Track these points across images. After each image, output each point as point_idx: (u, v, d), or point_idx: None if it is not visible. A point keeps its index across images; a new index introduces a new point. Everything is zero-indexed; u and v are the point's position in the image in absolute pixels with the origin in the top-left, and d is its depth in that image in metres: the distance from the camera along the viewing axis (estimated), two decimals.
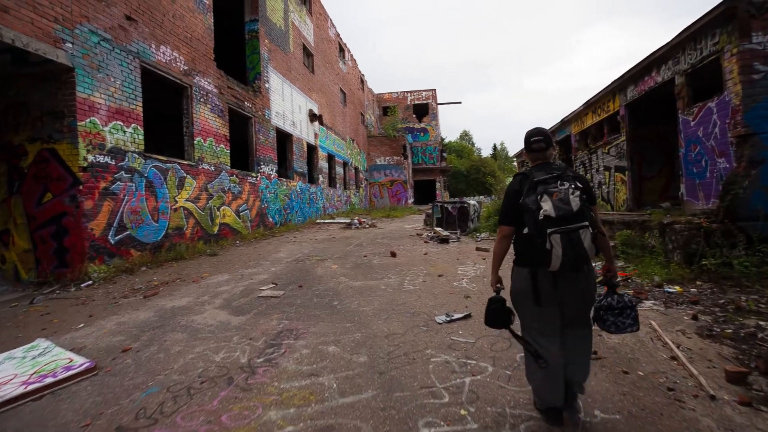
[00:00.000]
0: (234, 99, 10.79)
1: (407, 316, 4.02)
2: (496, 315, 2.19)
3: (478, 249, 7.96)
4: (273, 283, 5.54)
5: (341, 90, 23.16)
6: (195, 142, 9.03)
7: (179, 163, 8.43)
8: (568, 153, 13.26)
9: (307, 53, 17.58)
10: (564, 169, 2.09)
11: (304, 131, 16.40)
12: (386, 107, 37.38)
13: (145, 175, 7.47)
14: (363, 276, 5.92)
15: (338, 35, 22.62)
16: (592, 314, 2.17)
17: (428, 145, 37.41)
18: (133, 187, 7.16)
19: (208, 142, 9.49)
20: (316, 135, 18.03)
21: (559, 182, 1.99)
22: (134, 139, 7.23)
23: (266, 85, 12.91)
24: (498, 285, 2.27)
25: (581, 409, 2.21)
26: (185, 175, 8.60)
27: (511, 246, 2.22)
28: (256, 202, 11.85)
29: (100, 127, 6.54)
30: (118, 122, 6.91)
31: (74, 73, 6.14)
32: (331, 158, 20.76)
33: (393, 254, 7.52)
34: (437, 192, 37.72)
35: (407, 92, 38.03)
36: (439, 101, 40.22)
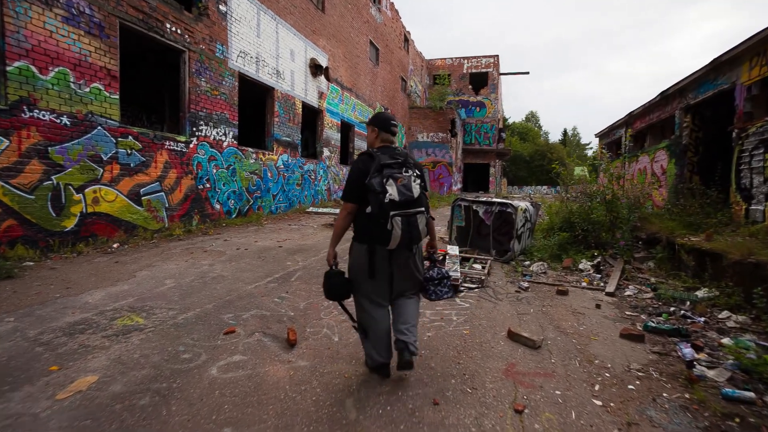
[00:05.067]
0: (138, 13, 6.69)
1: None
2: (338, 288, 2.34)
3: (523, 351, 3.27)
4: None
5: (371, 43, 18.45)
6: (11, 69, 5.06)
7: None
8: (722, 123, 7.34)
9: None
10: (406, 156, 2.25)
11: (298, 86, 12.11)
12: (437, 75, 31.91)
13: None
14: None
15: None
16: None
17: (484, 122, 31.62)
18: None
19: (53, 74, 5.50)
20: (322, 94, 13.68)
21: (403, 169, 2.15)
22: None
23: (221, 8, 8.68)
24: (335, 259, 2.38)
25: (412, 358, 2.34)
26: None
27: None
28: (184, 181, 7.85)
29: None
30: None
31: None
32: (347, 127, 16.38)
33: (291, 341, 3.03)
34: (491, 179, 32.07)
35: (464, 58, 32.21)
36: (502, 71, 33.89)
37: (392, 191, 2.06)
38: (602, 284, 5.10)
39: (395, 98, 22.69)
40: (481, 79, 31.91)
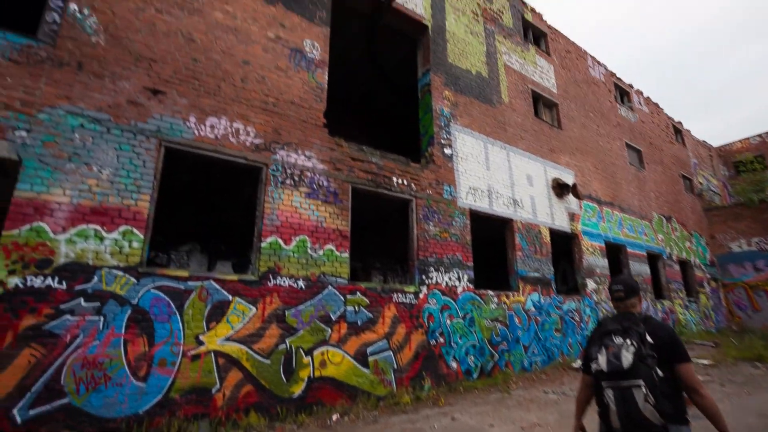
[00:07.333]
0: (367, 175, 7.20)
1: None
2: None
3: None
4: None
5: (629, 146, 15.43)
6: (264, 245, 5.80)
7: (216, 280, 5.30)
8: None
9: (544, 102, 12.28)
10: (635, 322, 2.00)
11: (541, 212, 10.50)
12: (739, 162, 23.73)
13: (134, 302, 4.68)
14: None
15: (612, 74, 15.86)
16: None
17: None
18: (99, 324, 4.43)
19: (295, 243, 6.07)
20: (574, 216, 11.49)
21: (618, 336, 1.95)
22: (120, 248, 4.72)
23: (446, 152, 8.70)
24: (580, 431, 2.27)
25: None
26: (230, 297, 5.32)
27: None
28: (413, 336, 7.02)
29: (50, 235, 4.35)
30: (93, 226, 4.61)
31: (21, 166, 4.40)
32: (615, 249, 12.95)
33: None
34: None
35: None
36: None
37: (602, 360, 1.91)
38: None
39: (679, 202, 17.47)
40: None
